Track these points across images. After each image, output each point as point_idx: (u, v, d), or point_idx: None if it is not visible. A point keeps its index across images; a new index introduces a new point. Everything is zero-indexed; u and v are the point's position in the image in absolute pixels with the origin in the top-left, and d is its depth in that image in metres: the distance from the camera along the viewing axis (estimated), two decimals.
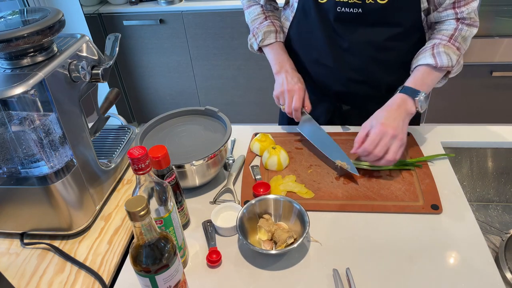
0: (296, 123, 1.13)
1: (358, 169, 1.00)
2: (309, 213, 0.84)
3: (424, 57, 0.98)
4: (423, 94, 0.95)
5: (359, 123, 1.17)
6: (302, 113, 1.09)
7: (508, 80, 2.27)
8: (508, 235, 0.96)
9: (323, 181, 0.98)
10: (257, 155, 1.09)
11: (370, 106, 1.15)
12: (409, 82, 0.98)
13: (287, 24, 1.16)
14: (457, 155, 1.12)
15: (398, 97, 0.97)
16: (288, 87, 1.06)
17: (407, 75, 1.03)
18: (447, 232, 0.83)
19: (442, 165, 1.01)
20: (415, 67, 1.00)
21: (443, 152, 1.05)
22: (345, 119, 1.22)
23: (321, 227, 0.87)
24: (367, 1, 0.95)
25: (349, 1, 0.96)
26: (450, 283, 0.73)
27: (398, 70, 1.08)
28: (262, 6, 1.18)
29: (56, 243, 0.89)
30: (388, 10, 0.96)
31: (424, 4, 0.97)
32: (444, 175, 0.98)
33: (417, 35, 1.04)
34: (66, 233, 0.88)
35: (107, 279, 0.80)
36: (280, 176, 1.00)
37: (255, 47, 1.18)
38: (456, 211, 0.88)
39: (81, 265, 0.83)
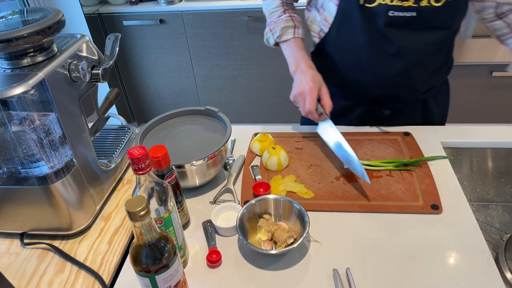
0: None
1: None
2: (309, 213, 0.84)
3: None
4: None
5: (394, 125, 1.14)
6: (320, 114, 1.02)
7: (508, 80, 2.27)
8: (508, 235, 0.96)
9: (323, 181, 0.98)
10: (257, 155, 1.09)
11: (406, 109, 1.11)
12: None
13: (315, 28, 1.12)
14: (457, 155, 1.12)
15: None
16: (299, 89, 1.01)
17: (443, 76, 1.05)
18: (447, 232, 0.83)
19: (442, 165, 1.01)
20: None
21: (443, 152, 1.05)
22: (382, 123, 1.18)
23: (321, 227, 0.87)
24: (422, 4, 0.92)
25: (404, 5, 0.93)
26: (450, 283, 0.73)
27: (438, 72, 1.08)
28: None
29: (56, 243, 0.89)
30: (441, 12, 0.94)
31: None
32: (444, 175, 0.98)
33: (454, 36, 1.05)
34: (66, 233, 0.88)
35: (107, 279, 0.80)
36: (280, 176, 1.00)
37: (271, 42, 1.13)
38: (456, 211, 0.88)
39: (81, 265, 0.83)
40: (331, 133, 1.02)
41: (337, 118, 1.18)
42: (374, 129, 1.15)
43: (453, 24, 1.00)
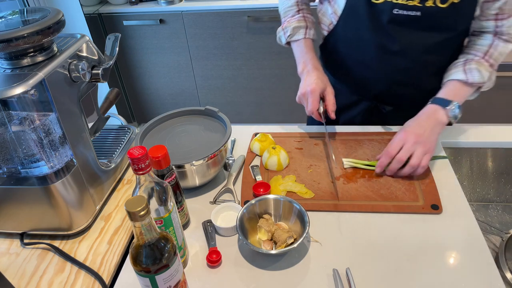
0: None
1: (358, 169, 1.00)
2: (309, 213, 0.84)
3: (456, 72, 1.00)
4: (455, 104, 0.96)
5: (398, 123, 1.14)
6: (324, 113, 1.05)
7: (508, 80, 2.27)
8: (508, 235, 0.96)
9: (323, 181, 0.98)
10: (257, 155, 1.09)
11: (411, 108, 1.09)
12: (440, 94, 1.00)
13: (325, 21, 1.12)
14: (457, 155, 1.12)
15: (428, 108, 0.99)
16: (303, 90, 1.04)
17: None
18: (447, 232, 0.83)
19: (442, 165, 1.01)
20: (447, 81, 1.02)
21: (443, 152, 1.05)
22: (384, 119, 1.19)
23: (321, 227, 0.87)
24: (427, 4, 0.92)
25: (408, 4, 0.93)
26: (450, 283, 0.73)
27: (443, 73, 1.07)
28: None
29: (56, 243, 0.89)
30: (446, 14, 0.94)
31: (477, 12, 0.96)
32: (444, 175, 0.98)
33: (464, 40, 1.04)
34: (66, 233, 0.88)
35: (107, 279, 0.80)
36: (280, 176, 1.00)
37: (283, 41, 1.15)
38: (456, 211, 0.88)
39: (81, 265, 0.83)
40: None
41: (341, 113, 1.19)
42: (374, 129, 1.15)
43: (458, 26, 0.98)
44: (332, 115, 1.04)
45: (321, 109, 1.04)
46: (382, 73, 1.08)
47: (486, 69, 0.98)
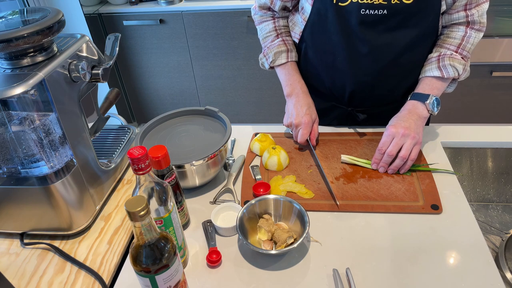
0: None
1: (358, 167, 1.00)
2: (309, 213, 0.84)
3: (430, 69, 1.02)
4: (433, 97, 0.99)
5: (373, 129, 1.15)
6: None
7: (508, 80, 2.27)
8: (508, 235, 0.96)
9: (323, 181, 0.98)
10: (257, 155, 1.09)
11: (386, 113, 1.11)
12: (418, 89, 1.03)
13: (296, 29, 1.13)
14: (457, 155, 1.12)
15: (408, 104, 1.02)
16: (296, 120, 1.06)
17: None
18: (447, 232, 0.83)
19: (442, 166, 1.01)
20: (423, 77, 1.04)
21: (443, 152, 1.05)
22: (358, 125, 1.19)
23: (321, 227, 0.87)
24: (392, 1, 0.93)
25: (374, 3, 0.93)
26: (450, 283, 0.73)
27: (414, 73, 1.07)
28: (274, 22, 1.15)
29: (56, 243, 0.89)
30: (412, 10, 0.94)
31: (443, 7, 0.97)
32: (444, 175, 0.98)
33: (433, 37, 1.04)
34: (66, 233, 0.88)
35: (107, 279, 0.80)
36: (280, 176, 1.00)
37: (266, 66, 1.17)
38: (456, 211, 0.88)
39: (81, 265, 0.83)
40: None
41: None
42: (375, 129, 1.15)
43: (425, 23, 0.98)
44: (314, 142, 1.08)
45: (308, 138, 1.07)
46: (354, 77, 1.08)
47: (459, 62, 1.00)
